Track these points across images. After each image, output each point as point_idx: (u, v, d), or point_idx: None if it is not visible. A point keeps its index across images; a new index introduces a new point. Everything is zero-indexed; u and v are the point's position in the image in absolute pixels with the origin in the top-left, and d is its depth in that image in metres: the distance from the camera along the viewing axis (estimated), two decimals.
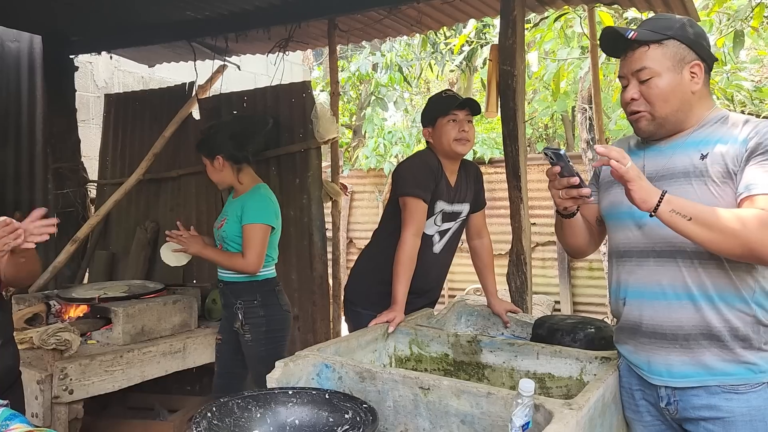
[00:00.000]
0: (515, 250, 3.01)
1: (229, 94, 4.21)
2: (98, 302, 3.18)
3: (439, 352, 2.20)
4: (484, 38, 7.78)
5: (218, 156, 2.89)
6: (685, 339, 1.52)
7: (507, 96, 2.99)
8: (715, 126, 1.55)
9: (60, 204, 4.59)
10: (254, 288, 2.93)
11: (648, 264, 1.58)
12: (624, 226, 1.63)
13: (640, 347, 1.61)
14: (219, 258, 2.90)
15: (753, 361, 1.48)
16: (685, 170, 1.52)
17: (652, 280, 1.57)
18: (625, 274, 1.64)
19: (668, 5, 3.46)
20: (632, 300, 1.62)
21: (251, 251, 2.80)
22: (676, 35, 1.54)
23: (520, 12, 3.04)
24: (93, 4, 3.83)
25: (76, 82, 4.78)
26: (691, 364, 1.52)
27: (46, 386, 2.66)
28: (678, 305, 1.53)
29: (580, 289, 7.25)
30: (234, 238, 2.89)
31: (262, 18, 3.97)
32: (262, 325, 2.93)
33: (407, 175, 2.48)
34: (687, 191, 1.50)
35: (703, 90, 1.57)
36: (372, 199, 8.52)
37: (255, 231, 2.81)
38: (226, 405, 1.55)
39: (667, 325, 1.54)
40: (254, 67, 6.14)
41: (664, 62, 1.53)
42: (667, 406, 1.57)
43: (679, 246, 1.51)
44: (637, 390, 1.67)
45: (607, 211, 1.71)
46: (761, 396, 1.48)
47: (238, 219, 2.87)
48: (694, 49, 1.54)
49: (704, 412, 1.51)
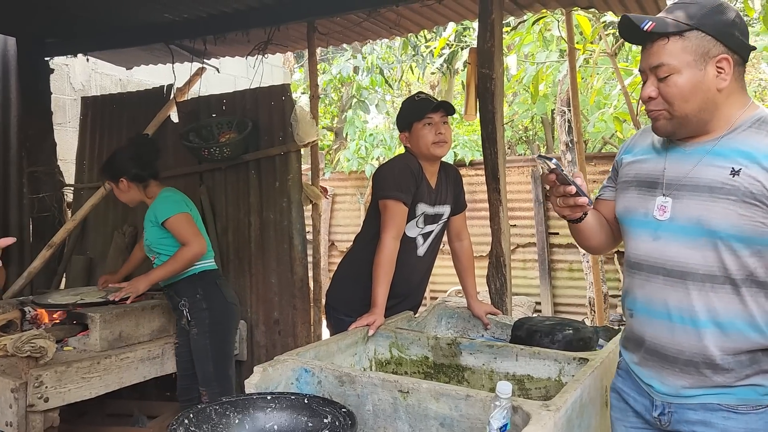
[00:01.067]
0: (495, 252, 3.02)
1: (207, 97, 4.18)
2: (75, 308, 3.14)
3: (419, 355, 2.20)
4: (464, 41, 7.82)
5: (122, 178, 3.03)
6: (685, 364, 1.42)
7: (486, 99, 3.00)
8: (750, 131, 1.37)
9: (36, 208, 4.52)
10: (195, 282, 3.04)
11: (657, 281, 1.46)
12: (637, 235, 1.51)
13: (643, 362, 1.53)
14: (167, 268, 2.98)
15: (759, 383, 1.38)
16: (711, 185, 1.36)
17: (659, 298, 1.46)
18: (634, 286, 1.54)
19: (643, 9, 3.50)
20: (638, 315, 1.53)
21: (186, 236, 2.95)
22: (700, 25, 1.35)
23: (498, 15, 3.06)
24: (69, 6, 3.78)
25: (53, 85, 4.70)
26: (692, 387, 1.43)
27: (21, 394, 2.61)
28: (681, 329, 1.42)
29: (561, 290, 7.30)
30: (158, 241, 3.02)
31: (240, 20, 3.94)
32: (206, 318, 3.04)
33: (387, 177, 2.48)
34: (710, 209, 1.36)
35: (733, 86, 1.38)
36: (353, 201, 8.51)
37: (177, 221, 2.96)
38: (204, 411, 1.53)
39: (669, 347, 1.44)
40: (234, 69, 6.11)
41: (684, 57, 1.35)
42: (660, 416, 1.48)
43: (690, 268, 1.39)
44: (629, 394, 1.58)
45: (622, 215, 1.58)
46: (762, 419, 1.38)
47: (153, 224, 3.01)
48: (721, 40, 1.35)
49: (698, 428, 1.42)
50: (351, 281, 2.63)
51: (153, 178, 3.11)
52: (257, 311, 3.86)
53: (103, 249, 4.36)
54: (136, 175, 3.04)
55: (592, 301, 5.66)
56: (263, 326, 3.85)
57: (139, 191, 3.07)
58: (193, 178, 4.08)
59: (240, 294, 3.83)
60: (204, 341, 3.03)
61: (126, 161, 3.03)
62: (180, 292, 3.06)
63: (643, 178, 1.51)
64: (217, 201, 4.01)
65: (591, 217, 1.62)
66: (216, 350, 3.05)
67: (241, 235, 3.92)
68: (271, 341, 3.83)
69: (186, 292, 3.05)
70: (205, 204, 3.96)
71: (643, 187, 1.50)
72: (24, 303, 3.31)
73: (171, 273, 2.99)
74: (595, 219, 1.65)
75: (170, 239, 3.01)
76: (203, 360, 3.04)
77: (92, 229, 4.46)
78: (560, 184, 1.47)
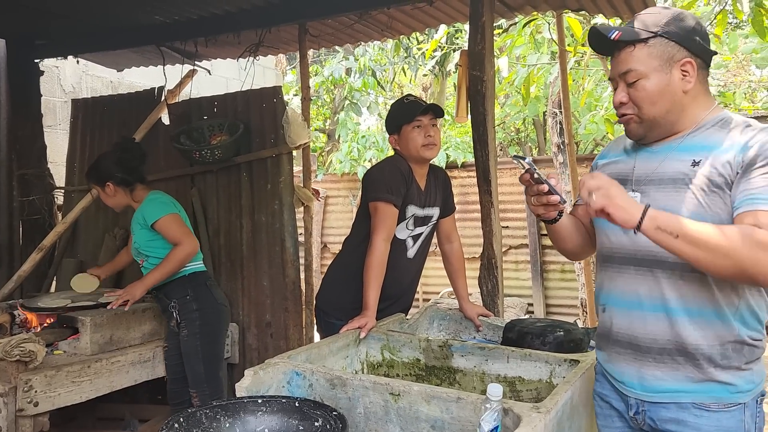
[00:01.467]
0: (486, 254, 3.03)
1: (199, 99, 4.17)
2: (65, 311, 3.12)
3: (410, 357, 2.20)
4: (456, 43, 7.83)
5: (108, 183, 3.04)
6: (659, 353, 1.46)
7: (477, 101, 3.01)
8: (712, 129, 1.45)
9: (26, 211, 4.49)
10: (185, 284, 3.05)
11: (628, 272, 1.52)
12: (609, 230, 1.56)
13: (615, 356, 1.56)
14: (161, 270, 2.98)
15: (729, 381, 1.42)
16: (675, 177, 1.44)
17: (630, 289, 1.51)
18: (606, 280, 1.59)
19: (633, 11, 3.52)
20: (610, 308, 1.57)
21: (177, 236, 2.97)
22: (664, 32, 1.44)
23: (489, 18, 3.07)
24: (59, 8, 3.76)
25: (43, 87, 4.68)
26: (663, 379, 1.46)
27: (10, 399, 2.59)
28: (654, 317, 1.46)
29: (553, 291, 7.33)
30: (146, 243, 3.03)
31: (231, 22, 3.94)
32: (196, 319, 3.05)
33: (378, 180, 2.48)
34: (674, 199, 1.43)
35: (698, 88, 1.47)
36: (346, 203, 8.51)
37: (166, 222, 2.97)
38: (194, 415, 1.52)
39: (642, 337, 1.48)
40: (226, 71, 6.10)
41: (650, 62, 1.44)
42: (636, 415, 1.52)
43: (660, 257, 1.44)
44: (608, 397, 1.62)
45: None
46: (734, 417, 1.41)
47: (142, 226, 3.01)
48: (684, 45, 1.44)
49: (671, 426, 1.46)
50: (341, 284, 2.63)
51: (139, 182, 3.12)
52: (249, 314, 3.85)
53: (93, 252, 4.33)
54: (122, 180, 3.05)
55: (584, 302, 5.68)
56: (255, 329, 3.84)
57: (125, 195, 3.08)
58: (185, 181, 4.07)
59: (232, 297, 3.82)
60: (194, 343, 3.03)
61: (111, 166, 3.03)
62: (170, 294, 3.06)
63: (615, 176, 1.55)
64: (209, 203, 3.99)
65: (566, 220, 1.69)
66: (206, 351, 3.05)
67: (232, 237, 3.91)
68: (263, 344, 3.82)
69: (176, 294, 3.05)
70: (197, 206, 3.95)
71: None
72: (13, 307, 3.29)
73: (166, 275, 2.99)
74: (571, 222, 1.72)
75: (159, 241, 3.01)
76: (193, 361, 3.04)
77: (83, 232, 4.44)
78: (534, 183, 1.53)
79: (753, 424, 1.44)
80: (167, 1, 3.67)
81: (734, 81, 10.71)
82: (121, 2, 3.64)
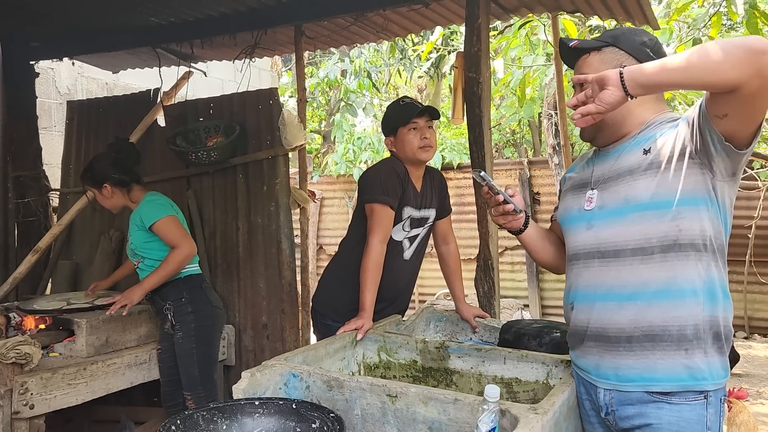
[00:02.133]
0: (483, 255, 3.04)
1: (194, 101, 4.17)
2: (60, 314, 3.11)
3: (407, 359, 2.20)
4: (452, 45, 7.85)
5: (105, 184, 3.00)
6: (627, 341, 1.49)
7: (473, 103, 3.01)
8: (660, 125, 1.54)
9: (21, 213, 4.48)
10: (180, 286, 3.04)
11: (593, 265, 1.57)
12: (574, 229, 1.64)
13: (587, 351, 1.59)
14: (160, 273, 2.96)
15: (696, 366, 1.44)
16: (630, 168, 1.52)
17: (596, 282, 1.56)
18: (573, 278, 1.64)
19: (628, 13, 3.54)
20: (579, 304, 1.61)
21: (175, 239, 2.96)
22: (615, 42, 1.57)
23: (485, 20, 3.07)
24: (54, 9, 3.76)
25: (38, 89, 4.67)
26: (635, 368, 1.49)
27: (6, 401, 2.58)
28: (618, 306, 1.50)
29: (549, 292, 7.35)
30: (142, 245, 3.02)
31: (227, 24, 3.94)
32: (192, 322, 3.04)
33: (374, 181, 2.48)
34: (633, 186, 1.49)
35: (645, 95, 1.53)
36: (342, 205, 8.52)
37: (165, 224, 2.96)
38: (191, 417, 1.52)
39: (611, 327, 1.52)
40: (222, 73, 6.09)
41: (600, 68, 1.53)
42: (606, 416, 1.56)
43: (621, 245, 1.50)
44: (585, 399, 1.64)
45: (562, 218, 1.71)
46: (695, 410, 1.44)
47: (139, 227, 3.00)
48: (633, 55, 1.55)
49: (636, 420, 1.49)
50: (338, 286, 2.62)
51: (136, 182, 3.10)
52: (245, 316, 3.85)
53: (89, 254, 4.32)
54: (119, 180, 3.02)
55: None
56: (251, 331, 3.84)
57: (123, 196, 3.06)
58: (181, 183, 4.06)
59: (228, 298, 3.82)
60: (189, 345, 3.02)
61: (107, 167, 3.01)
62: (165, 296, 3.05)
63: (577, 182, 1.69)
64: (205, 205, 3.99)
65: (534, 231, 1.81)
66: (201, 354, 3.04)
67: (228, 239, 3.91)
68: (260, 346, 3.81)
69: (171, 296, 3.04)
70: (193, 208, 3.94)
71: (576, 189, 1.68)
72: (9, 309, 3.28)
73: (164, 278, 2.97)
74: (539, 233, 1.83)
75: (156, 243, 3.00)
76: (188, 364, 3.03)
77: (78, 233, 4.43)
78: (493, 194, 1.68)
79: (717, 423, 1.46)
80: (163, 3, 3.67)
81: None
82: (116, 4, 3.63)
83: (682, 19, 5.92)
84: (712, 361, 1.46)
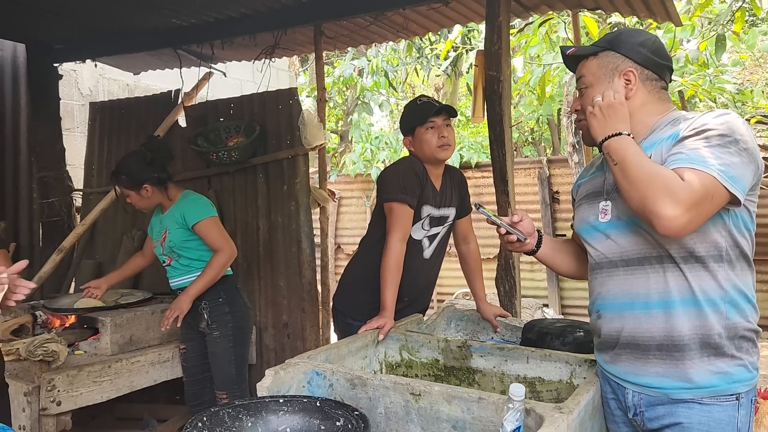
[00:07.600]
0: (503, 254, 3.03)
1: (215, 101, 4.20)
2: (85, 312, 3.15)
3: (429, 358, 2.20)
4: (470, 43, 7.82)
5: (145, 185, 2.95)
6: (658, 349, 1.48)
7: (493, 101, 3.00)
8: (665, 129, 1.51)
9: (45, 213, 4.55)
10: (217, 286, 3.00)
11: (618, 274, 1.55)
12: (593, 239, 1.62)
13: (618, 358, 1.58)
14: (205, 278, 2.93)
15: (725, 370, 1.43)
16: None
17: (622, 290, 1.54)
18: (597, 287, 1.62)
19: (650, 9, 3.50)
20: (606, 312, 1.59)
21: (218, 241, 2.94)
22: (612, 46, 1.57)
23: (505, 17, 3.06)
24: (77, 12, 3.81)
25: (61, 91, 4.74)
26: (666, 376, 1.48)
27: (34, 398, 2.63)
28: (647, 315, 1.49)
29: (568, 292, 7.29)
30: (181, 243, 2.97)
31: (247, 25, 3.96)
32: (229, 322, 3.01)
33: (392, 180, 2.48)
34: None
35: (645, 97, 1.55)
36: (360, 204, 8.52)
37: (208, 225, 2.94)
38: (217, 414, 1.54)
39: (640, 336, 1.50)
40: (240, 73, 6.13)
41: (597, 72, 1.56)
42: (634, 416, 1.55)
43: (645, 253, 1.49)
44: (611, 399, 1.63)
45: (579, 227, 1.70)
46: (726, 411, 1.43)
47: (180, 225, 2.96)
48: (629, 57, 1.54)
49: (665, 420, 1.48)
50: (358, 285, 2.62)
51: (169, 178, 3.06)
52: (266, 315, 3.88)
53: (112, 253, 4.38)
54: (158, 179, 2.98)
55: None
56: (272, 329, 3.86)
57: (162, 195, 3.01)
58: (202, 182, 4.10)
59: (249, 297, 3.83)
60: (227, 345, 3.00)
61: (146, 167, 2.96)
62: (201, 296, 2.98)
63: (590, 191, 1.67)
64: (226, 205, 4.02)
65: (548, 249, 1.82)
66: (238, 354, 3.03)
67: (249, 238, 3.94)
68: (280, 344, 3.84)
69: (207, 296, 2.98)
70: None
71: (591, 198, 1.66)
72: (35, 307, 3.33)
73: (210, 282, 2.93)
74: (555, 248, 1.84)
75: (194, 242, 2.97)
76: (225, 364, 3.00)
77: (101, 233, 4.49)
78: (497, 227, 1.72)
79: (747, 424, 1.44)
80: (184, 5, 3.71)
81: (751, 79, 10.61)
82: (138, 6, 3.67)
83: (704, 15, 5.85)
84: (741, 363, 1.44)
